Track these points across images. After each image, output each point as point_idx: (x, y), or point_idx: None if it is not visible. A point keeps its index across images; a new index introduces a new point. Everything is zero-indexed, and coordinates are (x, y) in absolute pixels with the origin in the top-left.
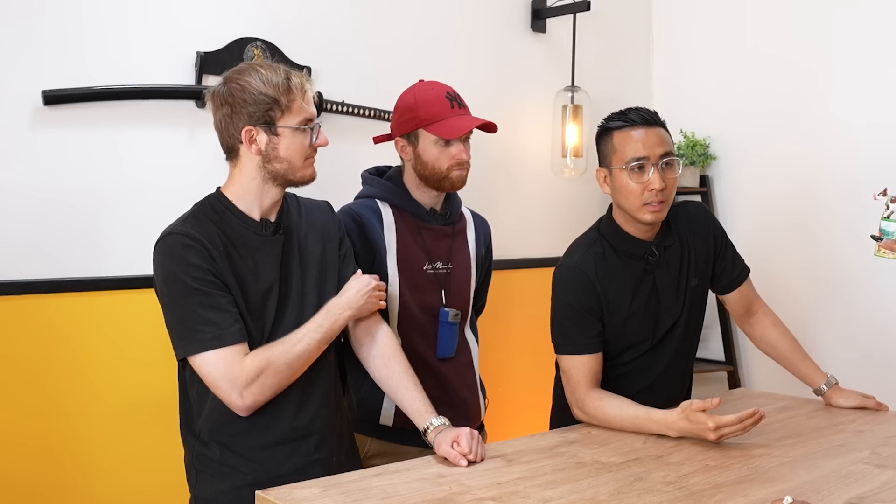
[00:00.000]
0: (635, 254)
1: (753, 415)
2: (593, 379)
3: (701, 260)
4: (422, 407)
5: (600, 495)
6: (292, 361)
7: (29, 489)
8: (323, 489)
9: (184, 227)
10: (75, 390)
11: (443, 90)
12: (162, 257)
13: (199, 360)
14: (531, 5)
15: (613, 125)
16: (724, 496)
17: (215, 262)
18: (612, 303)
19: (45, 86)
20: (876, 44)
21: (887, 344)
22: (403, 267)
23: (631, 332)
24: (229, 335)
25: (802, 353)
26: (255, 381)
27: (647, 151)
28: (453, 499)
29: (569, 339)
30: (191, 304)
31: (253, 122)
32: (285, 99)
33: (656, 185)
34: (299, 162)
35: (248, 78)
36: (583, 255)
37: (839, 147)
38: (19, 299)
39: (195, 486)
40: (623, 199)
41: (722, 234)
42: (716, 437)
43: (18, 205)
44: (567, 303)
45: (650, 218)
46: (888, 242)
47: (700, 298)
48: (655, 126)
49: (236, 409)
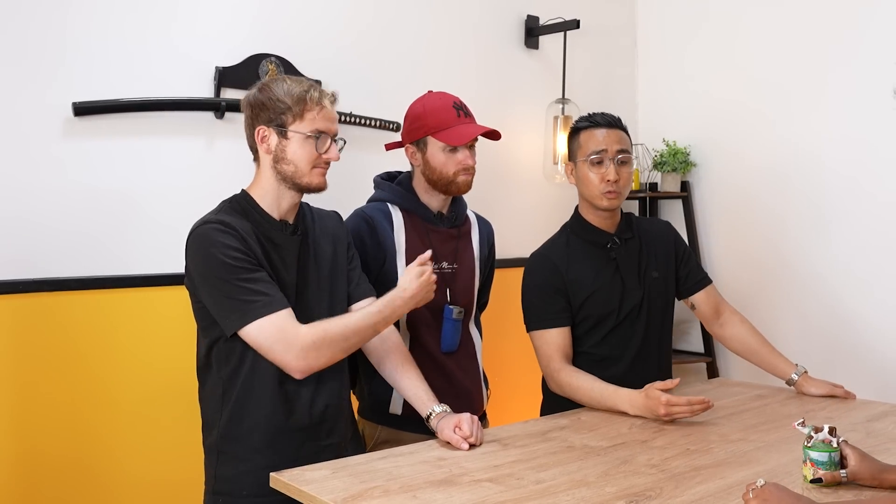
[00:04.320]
0: (598, 242)
1: (702, 402)
2: (564, 353)
3: (661, 258)
4: (424, 395)
5: (589, 477)
6: (348, 335)
7: (61, 471)
8: (332, 471)
9: (218, 217)
10: (102, 379)
11: (450, 100)
12: (199, 244)
13: (255, 327)
14: (525, 23)
15: (581, 125)
16: (704, 478)
17: (250, 247)
18: (576, 282)
19: (76, 98)
20: (841, 64)
21: (852, 336)
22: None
23: (598, 304)
24: (278, 301)
25: (771, 346)
26: (311, 348)
27: (606, 147)
28: (453, 480)
29: (538, 316)
30: (236, 280)
31: (266, 123)
32: (298, 107)
33: (611, 176)
34: (306, 168)
35: (272, 86)
36: (549, 245)
37: (807, 155)
38: (51, 296)
39: (216, 467)
40: (584, 187)
41: (683, 242)
42: (665, 413)
43: (50, 208)
44: (535, 284)
45: (606, 204)
46: (828, 475)
47: (663, 292)
48: (616, 128)
49: (293, 371)
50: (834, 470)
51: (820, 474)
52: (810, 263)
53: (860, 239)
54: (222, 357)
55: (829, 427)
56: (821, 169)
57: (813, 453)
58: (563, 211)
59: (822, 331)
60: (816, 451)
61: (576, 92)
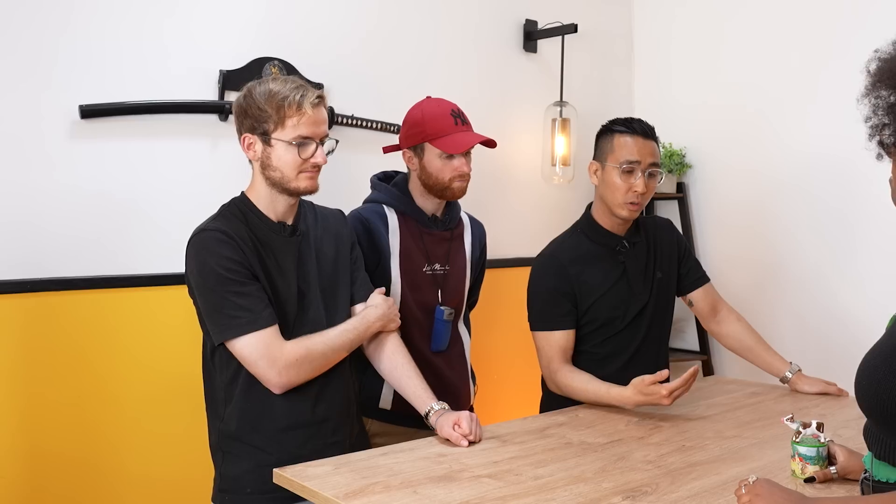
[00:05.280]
0: (608, 245)
1: (692, 374)
2: (564, 355)
3: (665, 258)
4: (423, 394)
5: (587, 473)
6: (328, 353)
7: (66, 467)
8: (335, 467)
9: (216, 224)
10: (106, 379)
11: (448, 107)
12: (197, 251)
13: (238, 343)
14: (523, 28)
15: (617, 129)
16: (699, 474)
17: (246, 256)
18: (585, 284)
19: (82, 101)
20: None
21: (846, 335)
22: (405, 268)
23: (605, 308)
24: (262, 319)
25: (766, 344)
26: (293, 365)
27: (640, 158)
28: (453, 476)
29: (543, 317)
30: (225, 293)
31: (250, 131)
32: (279, 115)
33: (639, 188)
34: (292, 173)
35: (255, 91)
36: (558, 246)
37: (800, 156)
38: (57, 295)
39: (221, 466)
40: (608, 192)
41: (684, 240)
42: (669, 402)
43: (58, 209)
44: (543, 285)
45: (626, 215)
46: (819, 472)
47: (666, 291)
48: (651, 139)
49: (273, 386)
50: (821, 464)
51: (810, 471)
52: (804, 263)
53: (852, 238)
54: (224, 358)
55: (816, 423)
56: (814, 170)
57: (801, 448)
58: (560, 212)
59: (815, 330)
60: (804, 447)
61: (573, 95)
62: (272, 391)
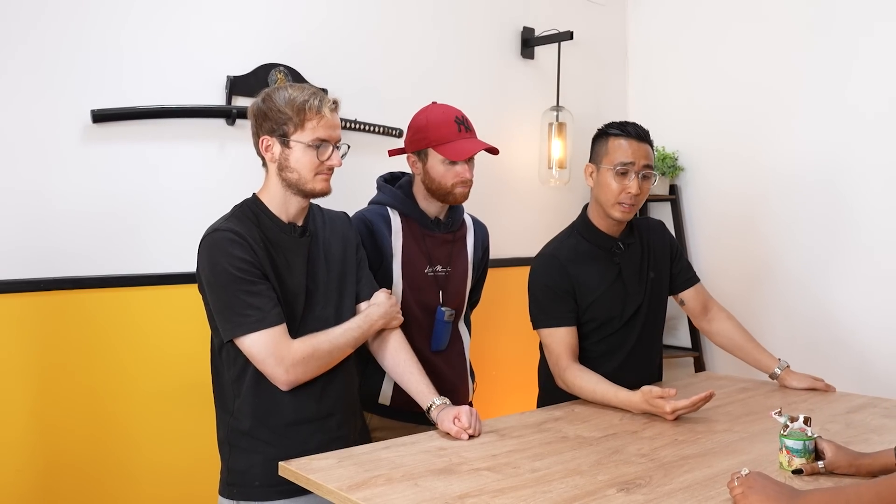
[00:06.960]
0: (604, 247)
1: (706, 397)
2: (572, 351)
3: (658, 258)
4: (425, 389)
5: (582, 466)
6: (333, 351)
7: (80, 460)
8: (338, 460)
9: (228, 225)
10: (118, 374)
11: (452, 114)
12: (209, 251)
13: (247, 340)
14: (521, 35)
15: (612, 132)
16: (691, 467)
17: (257, 256)
18: (584, 284)
19: (94, 105)
20: (822, 72)
21: (833, 333)
22: (407, 270)
23: (602, 308)
24: (271, 317)
25: (755, 342)
26: (300, 363)
27: (634, 160)
28: (453, 469)
29: (548, 315)
30: (235, 292)
31: (269, 133)
32: (299, 117)
33: (633, 189)
34: (309, 175)
35: (274, 95)
36: (557, 245)
37: (788, 159)
38: (70, 294)
39: (229, 460)
40: (603, 194)
41: (676, 243)
42: (672, 418)
43: (69, 211)
44: (545, 284)
45: (619, 216)
46: (807, 466)
47: (659, 291)
48: (645, 142)
49: (280, 383)
50: (808, 457)
51: (797, 464)
52: (793, 263)
53: (840, 240)
54: (231, 355)
55: (804, 416)
56: (803, 171)
57: (788, 441)
58: (556, 213)
59: (804, 327)
60: (792, 440)
61: (569, 100)
62: (279, 388)
